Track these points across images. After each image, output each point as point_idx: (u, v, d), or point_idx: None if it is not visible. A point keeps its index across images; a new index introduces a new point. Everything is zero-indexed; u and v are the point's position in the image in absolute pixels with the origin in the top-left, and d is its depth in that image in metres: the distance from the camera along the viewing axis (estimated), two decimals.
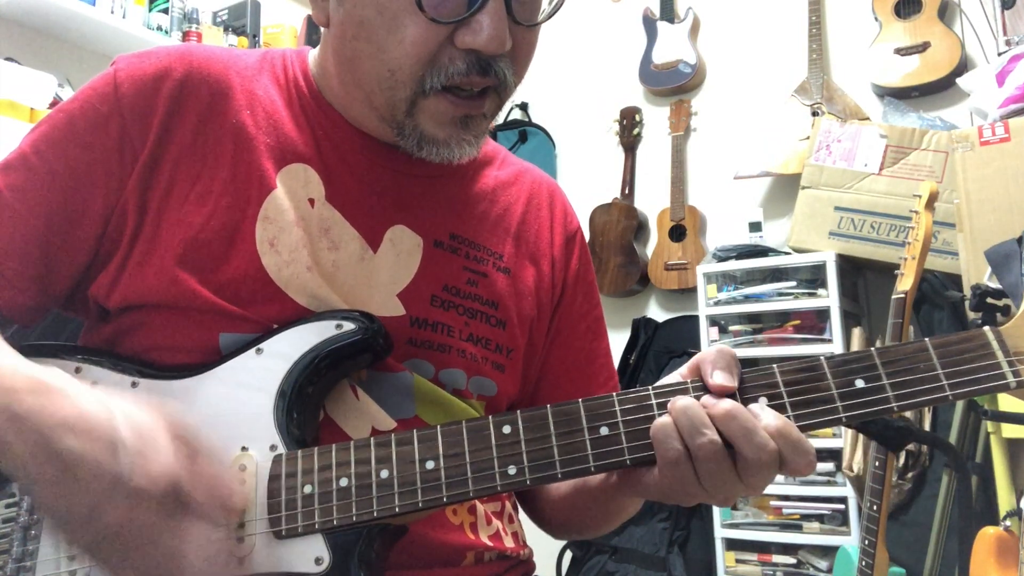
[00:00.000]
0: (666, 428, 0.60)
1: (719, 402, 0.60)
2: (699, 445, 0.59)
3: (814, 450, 0.60)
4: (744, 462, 0.59)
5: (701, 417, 0.59)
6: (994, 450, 1.79)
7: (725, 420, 0.59)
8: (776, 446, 0.59)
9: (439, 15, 0.68)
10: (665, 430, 0.60)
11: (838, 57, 2.83)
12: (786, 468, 0.60)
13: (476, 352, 0.81)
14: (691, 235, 2.94)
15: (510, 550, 0.83)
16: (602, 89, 3.31)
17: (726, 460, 0.59)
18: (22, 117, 1.91)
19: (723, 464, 0.59)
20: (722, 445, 0.59)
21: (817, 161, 2.47)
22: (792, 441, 0.59)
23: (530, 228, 0.90)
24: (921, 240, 1.50)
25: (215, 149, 0.75)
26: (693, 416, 0.60)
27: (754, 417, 0.59)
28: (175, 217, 0.73)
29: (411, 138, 0.74)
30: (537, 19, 0.74)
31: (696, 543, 2.54)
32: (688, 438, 0.59)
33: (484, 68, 0.70)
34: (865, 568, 1.50)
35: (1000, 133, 1.87)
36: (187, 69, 0.76)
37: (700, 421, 0.59)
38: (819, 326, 2.41)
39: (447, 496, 0.63)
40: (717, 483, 0.60)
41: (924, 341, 0.61)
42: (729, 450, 0.59)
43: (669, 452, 0.60)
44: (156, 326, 0.73)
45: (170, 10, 2.40)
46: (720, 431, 0.59)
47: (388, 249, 0.78)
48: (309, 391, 0.70)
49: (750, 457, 0.59)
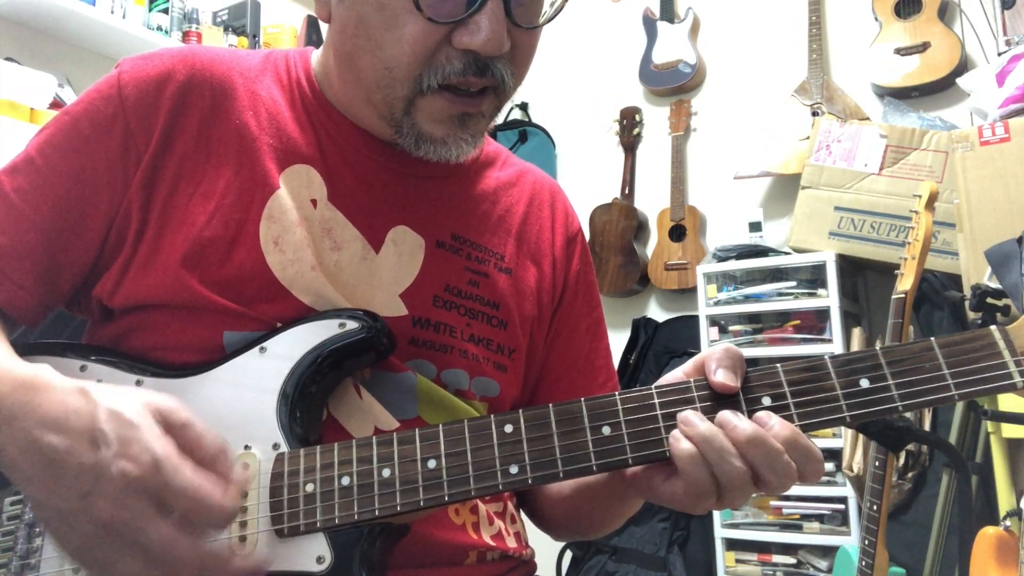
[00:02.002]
0: (693, 458, 0.60)
1: (737, 425, 0.59)
2: (727, 473, 0.59)
3: (822, 457, 0.61)
4: (764, 484, 0.60)
5: (726, 447, 0.59)
6: (994, 450, 1.79)
7: (747, 447, 0.59)
8: (796, 468, 0.59)
9: (437, 15, 0.68)
10: (693, 460, 0.60)
11: (838, 57, 2.83)
12: (800, 479, 0.60)
13: (478, 352, 0.81)
14: (691, 235, 2.94)
15: (512, 550, 0.83)
16: (602, 89, 3.31)
17: (751, 484, 0.60)
18: (22, 117, 1.91)
19: (748, 487, 0.60)
20: (750, 473, 0.59)
21: (817, 161, 2.47)
22: (801, 450, 0.59)
23: (531, 229, 0.90)
24: (921, 240, 1.50)
25: (218, 150, 0.76)
26: (719, 447, 0.59)
27: (758, 423, 0.59)
28: (179, 217, 0.73)
29: (409, 136, 0.74)
30: (537, 22, 0.74)
31: (696, 543, 2.54)
32: (715, 467, 0.59)
33: (481, 69, 0.70)
34: (865, 568, 1.50)
35: (1000, 133, 1.87)
36: (190, 71, 0.76)
37: (726, 451, 0.59)
38: (819, 326, 2.41)
39: (449, 495, 0.63)
40: (737, 501, 0.61)
41: (930, 340, 0.61)
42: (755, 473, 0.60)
43: (700, 482, 0.60)
44: (160, 325, 0.73)
45: (170, 10, 2.40)
46: (743, 455, 0.59)
47: (390, 249, 0.78)
48: (312, 390, 0.70)
49: (772, 481, 0.59)
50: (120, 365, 0.71)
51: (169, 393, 0.69)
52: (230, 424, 0.68)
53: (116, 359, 0.72)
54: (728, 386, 0.61)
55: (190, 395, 0.69)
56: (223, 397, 0.69)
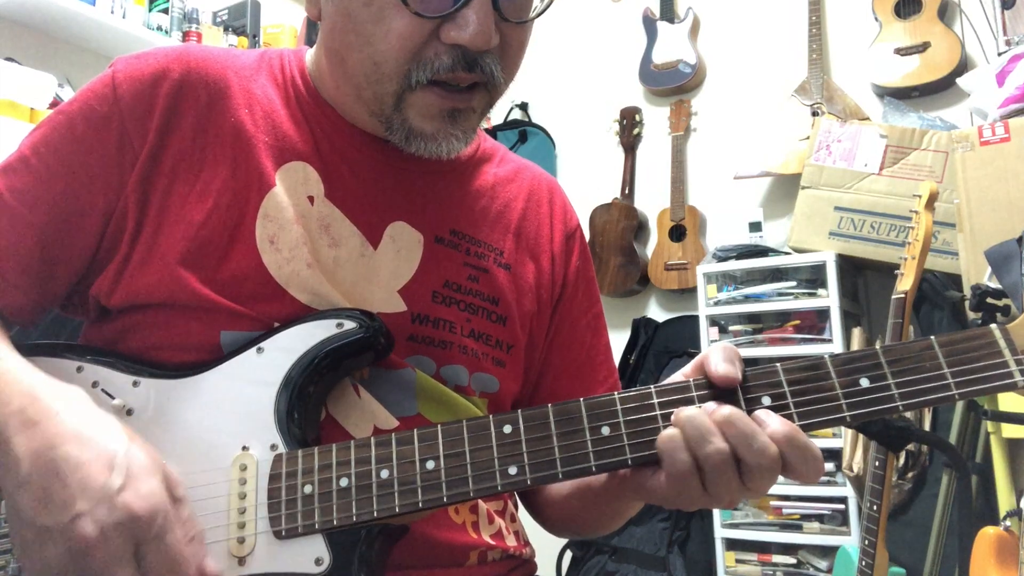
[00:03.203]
0: (673, 440, 0.59)
1: (720, 408, 0.59)
2: (707, 455, 0.58)
3: (822, 456, 0.60)
4: (746, 467, 0.59)
5: (707, 426, 0.59)
6: (994, 450, 1.79)
7: (725, 425, 0.58)
8: (777, 450, 0.58)
9: (424, 10, 0.68)
10: (672, 442, 0.59)
11: (838, 57, 2.83)
12: (792, 474, 0.59)
13: (477, 348, 0.81)
14: (691, 235, 2.94)
15: (513, 549, 0.83)
16: (602, 89, 3.31)
17: (732, 468, 0.59)
18: (22, 117, 1.91)
19: (729, 472, 0.59)
20: (730, 453, 0.58)
21: (817, 161, 2.46)
22: (799, 447, 0.58)
23: (530, 224, 0.90)
24: (921, 240, 1.49)
25: (214, 148, 0.75)
26: (699, 425, 0.59)
27: (756, 422, 0.59)
28: (175, 216, 0.73)
29: (399, 132, 0.74)
30: (526, 16, 0.74)
31: (696, 543, 2.54)
32: (696, 448, 0.59)
33: (470, 64, 0.70)
34: (865, 568, 1.50)
35: (1000, 133, 1.87)
36: (185, 69, 0.76)
37: (706, 429, 0.58)
38: (819, 326, 2.41)
39: (447, 496, 0.62)
40: (722, 490, 0.60)
41: (930, 339, 0.60)
42: (736, 458, 0.59)
43: (677, 464, 0.59)
44: (157, 325, 0.73)
45: (170, 10, 2.40)
46: (723, 435, 0.59)
47: (388, 245, 0.78)
48: (310, 390, 0.70)
49: (751, 462, 0.58)
50: (117, 365, 0.71)
51: (167, 393, 0.69)
52: (227, 424, 0.67)
53: (113, 359, 0.71)
54: (729, 377, 0.61)
55: (187, 395, 0.69)
56: (221, 397, 0.69)
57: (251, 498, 0.65)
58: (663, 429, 0.61)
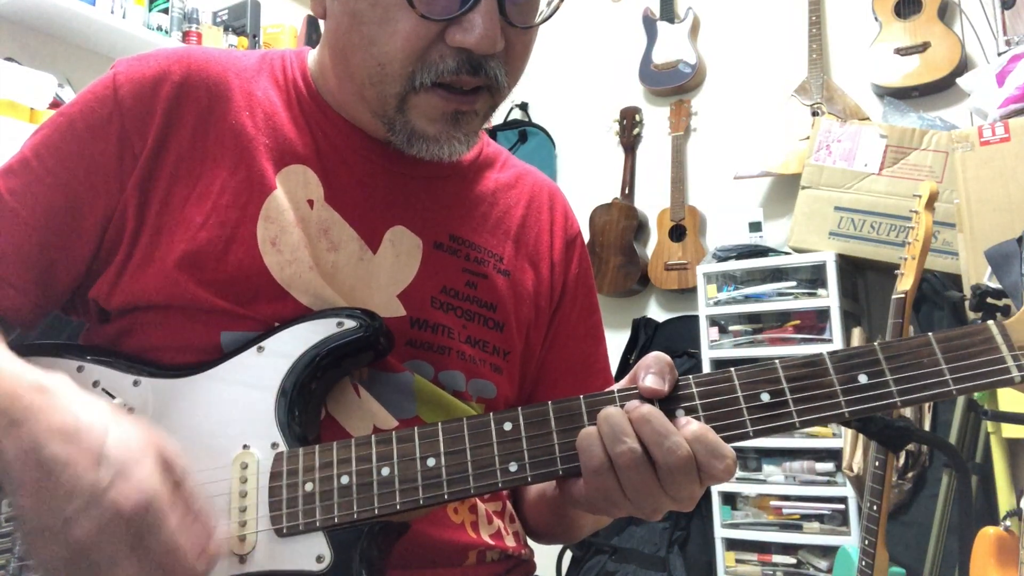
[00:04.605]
0: (590, 436, 0.60)
1: (639, 407, 0.60)
2: (619, 453, 0.59)
3: (733, 454, 0.60)
4: (659, 468, 0.59)
5: (622, 425, 0.59)
6: (994, 450, 1.79)
7: (639, 424, 0.59)
8: (688, 450, 0.58)
9: (430, 12, 0.68)
10: (589, 439, 0.60)
11: (838, 57, 2.83)
12: (703, 473, 0.59)
13: (474, 354, 0.81)
14: (691, 235, 2.94)
15: (511, 549, 0.83)
16: (602, 89, 3.31)
17: (647, 469, 0.59)
18: (22, 117, 1.91)
19: (644, 473, 0.59)
20: (642, 453, 0.59)
21: (817, 161, 2.47)
22: (708, 444, 0.59)
23: (530, 231, 0.90)
24: (921, 240, 1.49)
25: (214, 150, 0.75)
26: (614, 424, 0.59)
27: (676, 425, 0.59)
28: (175, 218, 0.73)
29: (401, 134, 0.74)
30: (532, 21, 0.74)
31: (696, 543, 2.54)
32: (609, 446, 0.59)
33: (475, 67, 0.70)
34: (865, 568, 1.50)
35: (1000, 133, 1.87)
36: (186, 71, 0.76)
37: (620, 429, 0.59)
38: (819, 326, 2.41)
39: (448, 493, 0.63)
40: (641, 494, 0.60)
41: (927, 336, 0.61)
42: (650, 459, 0.59)
43: (592, 461, 0.60)
44: (157, 326, 0.73)
45: (170, 10, 2.40)
46: (638, 437, 0.59)
47: (388, 250, 0.78)
48: (310, 389, 0.70)
49: (661, 461, 0.58)
50: (117, 365, 0.71)
51: (167, 393, 0.69)
52: (228, 423, 0.68)
53: (113, 359, 0.71)
54: (655, 390, 0.61)
55: (188, 394, 0.69)
56: (221, 397, 0.69)
57: (252, 496, 0.65)
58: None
